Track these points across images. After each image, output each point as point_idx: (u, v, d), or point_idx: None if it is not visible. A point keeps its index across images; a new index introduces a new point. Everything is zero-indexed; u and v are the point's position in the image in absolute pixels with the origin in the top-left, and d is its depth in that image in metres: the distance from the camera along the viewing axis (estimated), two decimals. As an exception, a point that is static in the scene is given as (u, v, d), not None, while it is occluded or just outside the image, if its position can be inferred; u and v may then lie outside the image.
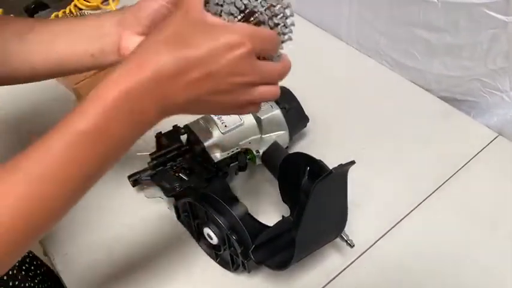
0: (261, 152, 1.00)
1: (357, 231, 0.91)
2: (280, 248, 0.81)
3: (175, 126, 1.03)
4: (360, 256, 0.91)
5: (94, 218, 0.99)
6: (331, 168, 0.75)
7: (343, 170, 0.76)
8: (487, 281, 0.88)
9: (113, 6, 1.49)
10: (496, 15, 1.01)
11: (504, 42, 1.03)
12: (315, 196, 0.73)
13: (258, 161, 1.01)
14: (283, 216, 0.86)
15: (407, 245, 0.93)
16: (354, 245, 0.87)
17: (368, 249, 0.93)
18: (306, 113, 1.08)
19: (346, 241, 0.87)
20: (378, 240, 0.94)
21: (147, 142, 1.02)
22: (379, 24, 1.27)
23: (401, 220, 0.97)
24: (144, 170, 0.99)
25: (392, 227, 0.96)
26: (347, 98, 1.23)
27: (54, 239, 0.96)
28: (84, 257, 0.94)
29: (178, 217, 0.94)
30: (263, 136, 1.02)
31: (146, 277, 0.91)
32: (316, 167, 0.77)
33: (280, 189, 0.89)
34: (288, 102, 1.04)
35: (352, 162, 0.75)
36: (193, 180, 0.96)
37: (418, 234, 0.95)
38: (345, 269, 0.90)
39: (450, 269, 0.90)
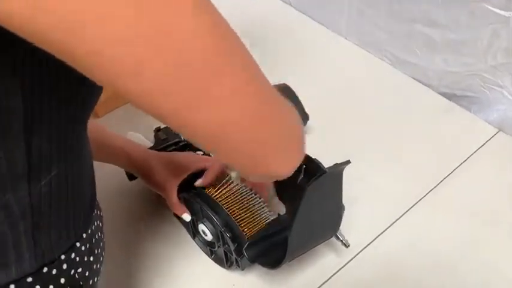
0: (259, 149, 0.96)
1: (354, 230, 0.87)
2: (274, 247, 0.77)
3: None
4: (356, 255, 0.87)
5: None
6: (327, 166, 0.71)
7: (338, 170, 0.71)
8: (488, 278, 0.84)
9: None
10: (496, 10, 0.98)
11: (504, 37, 1.00)
12: (309, 195, 0.68)
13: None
14: (279, 215, 0.82)
15: (406, 244, 0.89)
16: (349, 245, 0.82)
17: (365, 248, 0.88)
18: (306, 110, 1.02)
19: (342, 241, 0.82)
20: (375, 238, 0.90)
21: (146, 136, 0.99)
22: (380, 20, 1.22)
23: (399, 218, 0.93)
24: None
25: (390, 226, 0.92)
26: (347, 94, 1.18)
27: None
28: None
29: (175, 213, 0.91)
30: (263, 133, 0.98)
31: (142, 272, 0.88)
32: (312, 165, 0.73)
33: (276, 187, 0.85)
34: (288, 99, 0.99)
35: (347, 162, 0.71)
36: (190, 175, 0.92)
37: (417, 232, 0.91)
38: (340, 268, 0.86)
39: (448, 268, 0.85)
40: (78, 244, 0.56)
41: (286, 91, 1.02)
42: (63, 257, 0.54)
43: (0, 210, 0.46)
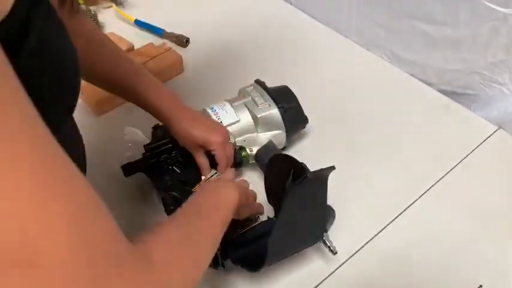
0: (254, 150, 0.96)
1: (352, 230, 0.87)
2: (260, 250, 0.75)
3: (173, 119, 0.99)
4: (346, 261, 0.85)
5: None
6: (312, 170, 0.70)
7: (321, 175, 0.70)
8: (487, 277, 0.83)
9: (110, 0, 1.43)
10: (496, 7, 0.96)
11: (504, 35, 0.98)
12: (291, 199, 0.68)
13: (252, 160, 0.96)
14: (268, 217, 0.82)
15: (403, 245, 0.88)
16: (336, 252, 0.80)
17: (359, 250, 0.87)
18: (305, 110, 1.01)
19: (329, 247, 0.80)
20: (372, 239, 0.89)
21: (144, 133, 0.99)
22: (379, 18, 1.21)
23: (397, 217, 0.92)
24: (137, 161, 0.94)
25: (387, 225, 0.91)
26: (347, 93, 1.17)
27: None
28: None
29: (166, 210, 0.90)
30: (259, 134, 0.97)
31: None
32: (298, 169, 0.73)
33: (266, 190, 0.84)
34: (287, 101, 0.98)
35: (332, 168, 0.70)
36: (185, 174, 0.92)
37: (415, 233, 0.89)
38: (329, 275, 0.84)
39: (447, 270, 0.84)
40: None
41: (285, 93, 1.01)
42: None
43: None
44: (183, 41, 1.30)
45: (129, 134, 0.99)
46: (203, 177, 0.89)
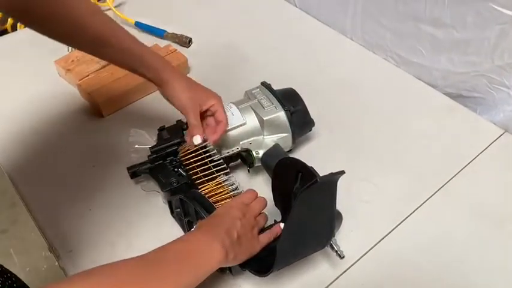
0: (260, 153, 0.94)
1: (355, 234, 0.86)
2: (266, 253, 0.74)
3: (179, 121, 0.98)
4: (353, 264, 0.84)
5: (97, 216, 0.94)
6: (321, 175, 0.69)
7: (331, 179, 0.68)
8: (494, 280, 0.82)
9: (109, 3, 1.42)
10: (503, 10, 0.95)
11: (511, 38, 0.97)
12: (300, 203, 0.67)
13: (258, 163, 0.95)
14: (275, 221, 0.81)
15: (408, 250, 0.87)
16: (343, 256, 0.79)
17: (365, 253, 0.86)
18: (312, 113, 1.00)
19: (336, 251, 0.79)
20: (377, 243, 0.88)
21: (149, 135, 0.98)
22: (385, 20, 1.19)
23: (402, 221, 0.91)
24: (143, 163, 0.94)
25: (393, 229, 0.89)
26: (353, 95, 1.16)
27: (59, 237, 0.92)
28: (88, 253, 0.90)
29: (172, 212, 0.89)
30: (265, 137, 0.96)
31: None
32: (307, 173, 0.71)
33: (273, 194, 0.83)
34: (293, 104, 0.97)
35: (342, 172, 0.68)
36: (191, 176, 0.92)
37: (420, 237, 0.88)
38: (336, 279, 0.83)
39: (452, 274, 0.83)
40: None
41: (292, 96, 1.00)
42: None
43: None
44: (185, 42, 1.29)
45: (135, 136, 0.98)
46: (187, 140, 0.90)
